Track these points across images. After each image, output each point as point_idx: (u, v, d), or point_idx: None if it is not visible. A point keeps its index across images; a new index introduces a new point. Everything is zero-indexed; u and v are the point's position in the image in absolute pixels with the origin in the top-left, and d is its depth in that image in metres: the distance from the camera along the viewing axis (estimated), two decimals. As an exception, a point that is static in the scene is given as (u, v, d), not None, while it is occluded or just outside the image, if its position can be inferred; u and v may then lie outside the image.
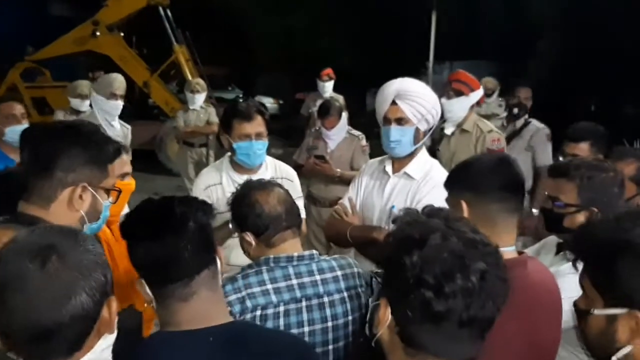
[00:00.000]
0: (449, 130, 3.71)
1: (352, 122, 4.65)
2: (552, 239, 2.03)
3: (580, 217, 1.82)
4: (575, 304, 1.19)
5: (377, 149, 4.69)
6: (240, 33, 17.20)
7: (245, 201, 1.81)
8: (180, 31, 9.45)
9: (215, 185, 2.71)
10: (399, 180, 2.47)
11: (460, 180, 1.66)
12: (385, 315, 1.10)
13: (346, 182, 4.43)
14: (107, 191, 1.59)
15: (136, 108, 10.70)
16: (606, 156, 3.18)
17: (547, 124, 4.70)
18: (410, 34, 14.49)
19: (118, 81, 4.59)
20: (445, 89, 3.69)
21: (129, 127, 4.81)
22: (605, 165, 1.86)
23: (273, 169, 2.80)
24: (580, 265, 1.17)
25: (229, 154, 2.77)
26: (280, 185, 1.88)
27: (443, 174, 2.40)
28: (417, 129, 2.38)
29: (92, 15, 9.49)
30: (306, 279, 1.74)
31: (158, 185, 8.91)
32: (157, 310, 1.40)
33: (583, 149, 2.88)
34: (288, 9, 16.32)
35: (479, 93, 3.70)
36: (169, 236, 1.33)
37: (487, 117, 6.14)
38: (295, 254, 1.76)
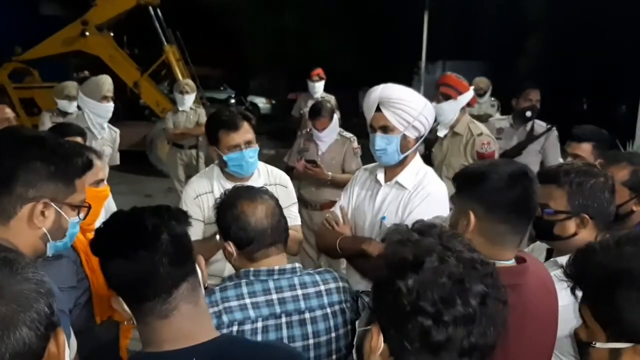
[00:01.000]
0: (441, 132, 3.69)
1: (345, 122, 4.61)
2: (541, 244, 1.99)
3: (571, 224, 1.78)
4: (575, 334, 1.12)
5: (369, 150, 4.65)
6: (232, 33, 17.11)
7: (231, 211, 1.74)
8: (170, 31, 9.38)
9: (206, 193, 2.61)
10: (391, 190, 2.38)
11: (473, 189, 1.56)
12: (378, 343, 1.03)
13: (337, 185, 4.40)
14: (76, 207, 1.50)
15: (127, 109, 10.63)
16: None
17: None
18: (403, 34, 14.46)
19: (108, 83, 4.53)
20: (435, 93, 3.67)
21: (117, 130, 4.75)
22: (595, 171, 1.82)
23: (266, 175, 2.70)
24: (579, 293, 1.11)
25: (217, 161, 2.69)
26: (270, 195, 1.80)
27: (436, 183, 2.36)
28: (404, 137, 2.28)
29: (81, 15, 9.40)
30: (287, 294, 1.68)
31: (149, 187, 8.84)
32: (138, 328, 1.33)
33: (585, 149, 2.85)
34: (280, 9, 16.25)
35: (468, 95, 3.66)
36: (142, 252, 1.25)
37: (480, 117, 6.12)
38: (276, 267, 1.69)
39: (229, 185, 2.55)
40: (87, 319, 1.96)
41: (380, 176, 2.42)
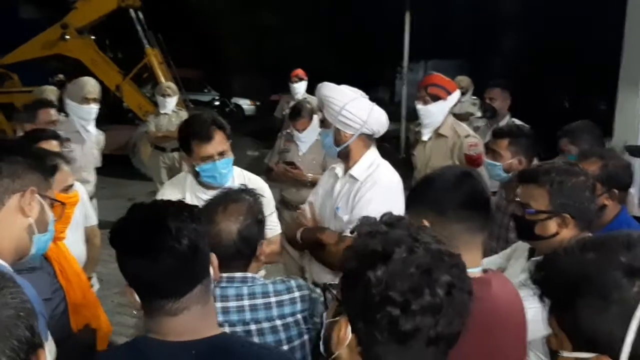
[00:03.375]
0: (426, 136, 3.62)
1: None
2: (524, 244, 1.98)
3: (552, 224, 1.77)
4: (547, 341, 1.10)
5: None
6: (215, 35, 17.05)
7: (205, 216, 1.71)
8: (152, 34, 9.29)
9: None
10: (345, 183, 2.51)
11: (421, 197, 1.56)
12: (346, 334, 1.03)
13: (318, 185, 4.41)
14: (52, 202, 1.53)
15: (110, 112, 10.51)
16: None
17: (521, 120, 4.67)
18: (385, 34, 14.49)
19: (90, 85, 4.49)
20: (420, 95, 3.58)
21: (103, 133, 4.70)
22: (575, 170, 1.81)
23: (242, 181, 2.59)
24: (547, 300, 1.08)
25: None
26: (241, 213, 1.74)
27: (387, 174, 2.45)
28: (337, 130, 2.43)
29: (61, 18, 9.28)
30: (232, 304, 1.65)
31: (132, 191, 8.76)
32: (144, 318, 1.34)
33: (501, 145, 2.79)
34: (263, 11, 16.22)
35: (456, 95, 3.62)
36: (162, 255, 1.24)
37: (461, 116, 6.14)
38: (225, 275, 1.66)
39: (202, 193, 2.54)
40: (64, 328, 1.93)
41: (339, 170, 2.57)
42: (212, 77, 19.06)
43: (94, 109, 4.42)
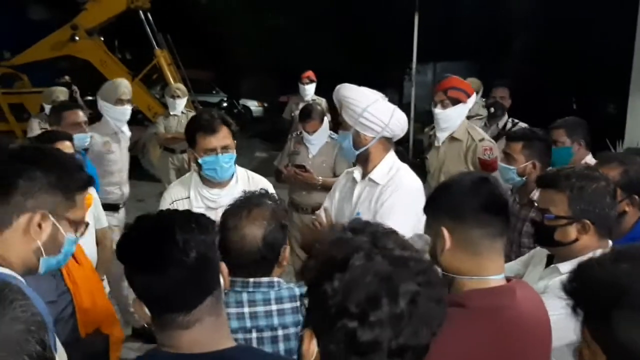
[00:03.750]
0: (442, 140, 3.53)
1: (335, 124, 4.56)
2: (542, 250, 1.94)
3: (572, 230, 1.73)
4: (579, 353, 1.07)
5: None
6: (223, 36, 17.06)
7: (221, 225, 1.66)
8: (161, 35, 9.30)
9: (182, 200, 2.60)
10: (365, 187, 2.45)
11: (438, 204, 1.53)
12: (310, 347, 0.98)
13: (328, 188, 4.35)
14: (74, 224, 1.43)
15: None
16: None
17: (528, 122, 4.65)
18: (393, 35, 14.45)
19: (123, 86, 4.54)
20: (438, 98, 3.47)
21: (129, 133, 4.76)
22: (596, 175, 1.77)
23: (245, 181, 2.66)
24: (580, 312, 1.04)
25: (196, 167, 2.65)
26: (265, 220, 1.70)
27: (409, 177, 2.40)
28: (357, 133, 2.39)
29: (71, 19, 9.31)
30: (260, 308, 1.62)
31: (141, 192, 8.75)
32: (155, 331, 1.31)
33: (514, 149, 2.78)
34: (271, 12, 16.22)
35: (474, 98, 3.57)
36: (170, 269, 1.21)
37: (470, 118, 6.10)
38: (252, 280, 1.63)
39: (206, 191, 2.58)
40: (72, 332, 1.91)
41: (357, 175, 2.50)
42: (220, 79, 19.08)
43: (128, 109, 4.49)
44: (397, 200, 2.27)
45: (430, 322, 0.94)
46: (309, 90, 7.00)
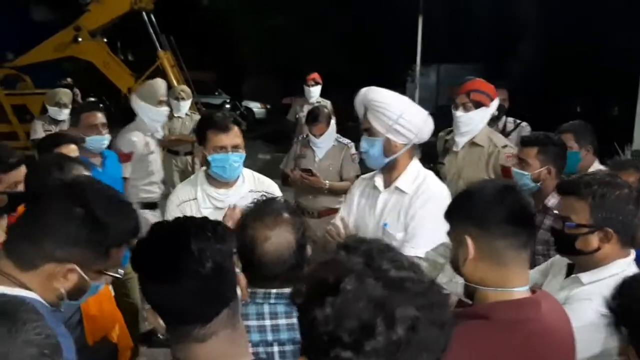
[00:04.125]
0: (461, 145, 3.39)
1: (339, 126, 4.52)
2: (562, 259, 1.89)
3: (594, 239, 1.68)
4: None
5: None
6: (226, 38, 17.06)
7: (245, 230, 1.60)
8: (164, 37, 9.28)
9: (190, 201, 2.56)
10: (391, 196, 2.34)
11: (462, 212, 1.47)
12: None
13: (335, 193, 4.34)
14: (102, 272, 1.38)
15: (122, 114, 10.49)
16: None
17: (532, 125, 4.63)
18: (397, 37, 14.43)
19: (163, 87, 4.59)
20: (460, 100, 3.34)
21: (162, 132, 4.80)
22: (618, 182, 1.73)
23: (252, 181, 2.63)
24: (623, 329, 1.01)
25: (204, 167, 2.62)
26: (293, 225, 1.64)
27: (438, 185, 2.31)
28: (387, 140, 2.27)
29: (74, 20, 9.28)
30: (282, 321, 1.57)
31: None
32: (170, 344, 1.26)
33: (529, 154, 2.71)
34: (274, 13, 16.21)
35: (497, 101, 3.47)
36: (184, 279, 1.17)
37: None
38: (274, 291, 1.58)
39: (213, 191, 2.54)
40: (79, 341, 1.86)
41: (379, 182, 2.38)
42: (223, 80, 19.08)
43: (166, 110, 4.54)
44: (429, 211, 2.16)
45: (432, 348, 0.86)
46: (314, 92, 6.96)
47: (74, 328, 1.85)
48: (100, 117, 3.52)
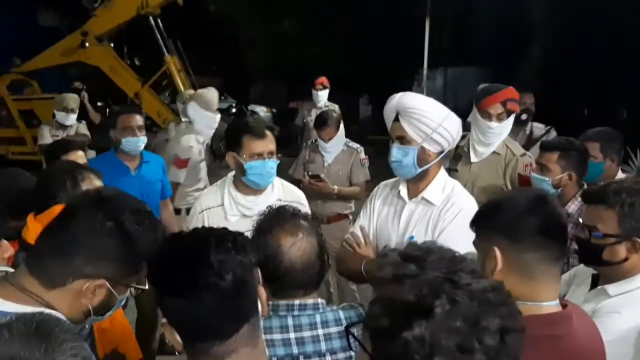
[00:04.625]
0: (485, 155, 3.23)
1: (345, 130, 4.48)
2: (585, 268, 1.83)
3: (622, 249, 1.62)
4: None
5: (371, 159, 4.54)
6: (232, 42, 17.07)
7: (266, 238, 1.54)
8: (171, 41, 9.27)
9: (215, 207, 2.49)
10: (417, 207, 2.20)
11: (491, 222, 1.40)
12: None
13: (344, 198, 4.29)
14: (130, 286, 1.35)
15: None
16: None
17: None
18: (404, 40, 14.38)
19: (217, 95, 4.69)
20: (495, 111, 3.13)
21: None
22: (647, 190, 1.67)
23: (280, 189, 2.57)
24: None
25: (232, 173, 2.55)
26: (314, 231, 1.59)
27: (467, 198, 2.19)
28: (422, 149, 2.12)
29: (81, 25, 9.30)
30: (306, 333, 1.51)
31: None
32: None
33: (550, 159, 2.66)
34: (280, 17, 16.20)
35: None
36: (203, 294, 1.11)
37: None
38: (297, 302, 1.52)
39: (242, 198, 2.47)
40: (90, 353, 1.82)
41: (404, 192, 2.24)
42: (229, 84, 19.07)
43: (219, 117, 4.62)
44: (458, 225, 2.03)
45: (517, 354, 0.89)
46: (322, 96, 6.92)
47: (84, 339, 1.81)
48: (137, 120, 3.53)
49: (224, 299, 1.11)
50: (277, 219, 1.57)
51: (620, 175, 3.04)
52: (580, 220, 1.80)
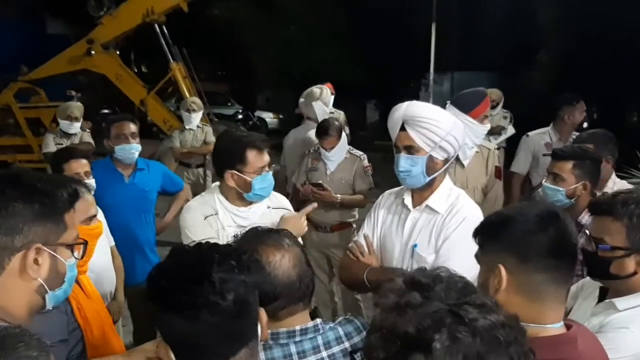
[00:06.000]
0: (468, 155, 3.25)
1: (352, 135, 4.41)
2: (591, 281, 1.76)
3: (630, 262, 1.56)
4: None
5: (377, 164, 4.48)
6: (238, 48, 17.07)
7: (270, 262, 1.46)
8: (177, 48, 9.28)
9: (213, 215, 2.44)
10: (421, 215, 2.16)
11: (496, 238, 1.32)
12: None
13: (348, 206, 4.24)
14: (70, 246, 1.27)
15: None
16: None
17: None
18: (410, 45, 14.33)
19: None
20: (487, 112, 3.27)
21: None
22: (657, 201, 1.60)
23: (268, 198, 2.54)
24: None
25: (217, 183, 2.50)
26: (294, 241, 1.55)
27: (471, 206, 2.15)
28: (431, 158, 2.08)
29: (87, 34, 9.34)
30: (311, 359, 1.45)
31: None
32: None
33: (563, 168, 2.58)
34: (286, 23, 16.20)
35: None
36: (203, 313, 1.06)
37: (493, 129, 5.96)
38: (298, 328, 1.46)
39: (232, 207, 2.43)
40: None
41: (408, 200, 2.20)
42: (235, 91, 19.11)
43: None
44: (462, 234, 1.98)
45: None
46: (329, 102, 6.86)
47: (76, 359, 1.77)
48: (130, 127, 3.50)
49: (224, 319, 1.06)
50: (255, 238, 1.51)
51: (613, 177, 3.05)
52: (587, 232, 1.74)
